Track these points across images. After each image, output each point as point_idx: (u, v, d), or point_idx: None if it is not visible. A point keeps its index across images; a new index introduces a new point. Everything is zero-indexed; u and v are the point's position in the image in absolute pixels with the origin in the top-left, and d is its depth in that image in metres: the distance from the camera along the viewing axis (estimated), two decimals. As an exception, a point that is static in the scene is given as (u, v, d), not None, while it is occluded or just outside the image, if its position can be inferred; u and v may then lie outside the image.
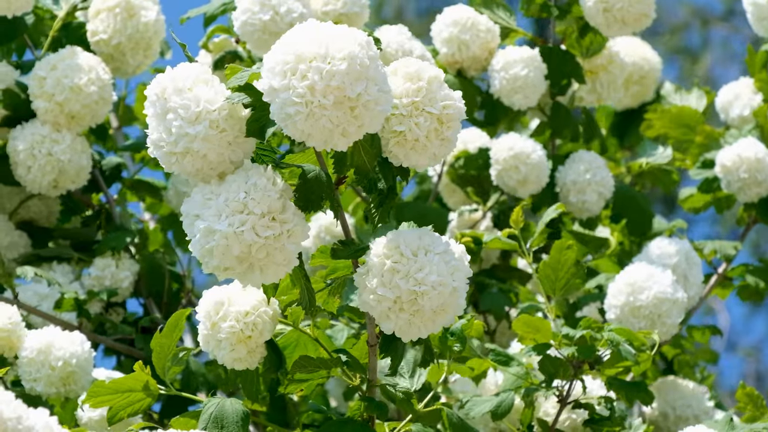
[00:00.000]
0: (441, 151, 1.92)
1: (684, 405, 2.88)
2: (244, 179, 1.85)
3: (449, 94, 1.92)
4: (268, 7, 2.80)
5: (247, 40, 2.83)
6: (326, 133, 1.77)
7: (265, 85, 1.78)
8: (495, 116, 3.07)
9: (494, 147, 3.01)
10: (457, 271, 1.90)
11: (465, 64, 3.06)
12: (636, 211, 3.11)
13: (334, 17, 2.90)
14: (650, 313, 2.71)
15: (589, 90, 3.12)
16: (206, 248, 1.83)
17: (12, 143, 2.84)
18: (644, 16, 2.94)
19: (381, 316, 1.89)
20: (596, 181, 3.01)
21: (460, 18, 3.03)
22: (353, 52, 1.76)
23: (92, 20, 2.95)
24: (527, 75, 2.98)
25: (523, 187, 3.00)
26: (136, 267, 2.94)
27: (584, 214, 3.04)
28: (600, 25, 2.96)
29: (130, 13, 2.94)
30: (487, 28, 3.04)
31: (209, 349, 2.13)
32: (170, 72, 1.88)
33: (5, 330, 2.43)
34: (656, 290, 2.70)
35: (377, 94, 1.78)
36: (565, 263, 2.39)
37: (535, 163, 2.98)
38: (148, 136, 1.89)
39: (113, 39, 2.93)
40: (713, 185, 3.04)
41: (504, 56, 3.00)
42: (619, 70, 3.11)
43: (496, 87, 3.01)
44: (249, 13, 2.81)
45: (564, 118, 3.08)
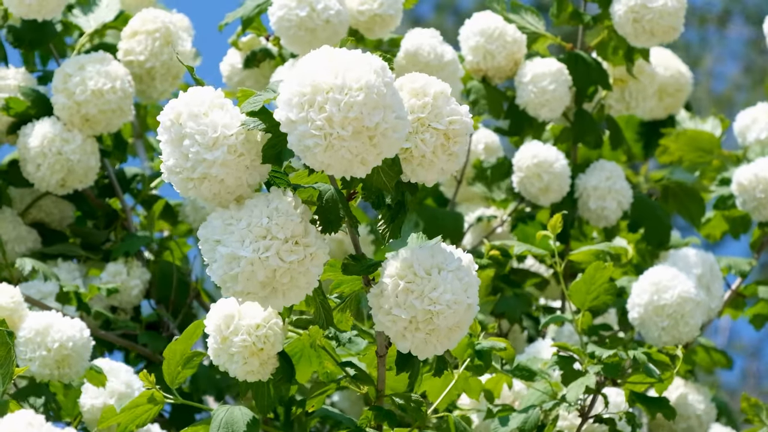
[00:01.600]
0: (448, 167, 1.94)
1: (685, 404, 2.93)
2: (265, 203, 1.86)
3: (456, 109, 1.93)
4: (305, 3, 2.83)
5: (282, 35, 2.86)
6: (346, 163, 1.79)
7: (282, 116, 1.79)
8: (520, 126, 3.10)
9: (517, 155, 3.04)
10: (470, 287, 1.93)
11: (490, 72, 3.09)
12: (654, 221, 3.13)
13: (369, 17, 2.93)
14: (674, 312, 2.75)
15: (617, 99, 3.15)
16: (230, 274, 1.84)
17: (23, 140, 2.86)
18: (673, 29, 2.97)
19: (397, 335, 1.92)
20: (616, 190, 3.04)
21: (487, 27, 3.05)
22: (370, 81, 1.77)
23: (127, 40, 2.98)
24: (554, 89, 3.01)
25: (545, 195, 3.03)
26: (147, 276, 2.97)
27: (602, 222, 3.07)
28: (628, 35, 2.99)
29: (167, 40, 2.96)
30: (514, 39, 3.06)
31: (221, 362, 2.13)
32: (184, 97, 1.88)
33: (7, 309, 2.44)
34: (680, 289, 2.75)
35: (395, 122, 1.80)
36: (598, 280, 2.43)
37: (558, 172, 3.01)
38: (163, 162, 1.89)
39: (148, 62, 2.96)
40: (728, 203, 3.07)
41: (532, 69, 3.03)
42: (649, 81, 3.15)
43: (523, 99, 3.04)
44: (286, 9, 2.84)
45: (587, 125, 3.11)
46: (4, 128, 2.92)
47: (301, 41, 2.87)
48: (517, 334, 3.14)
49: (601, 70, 3.08)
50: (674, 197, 3.26)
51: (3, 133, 2.93)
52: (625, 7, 2.95)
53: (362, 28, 2.97)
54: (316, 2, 2.84)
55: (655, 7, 2.93)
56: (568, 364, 2.43)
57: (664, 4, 2.93)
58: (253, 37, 3.13)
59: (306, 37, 2.86)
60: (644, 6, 2.94)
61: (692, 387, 2.99)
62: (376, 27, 2.97)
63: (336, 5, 2.85)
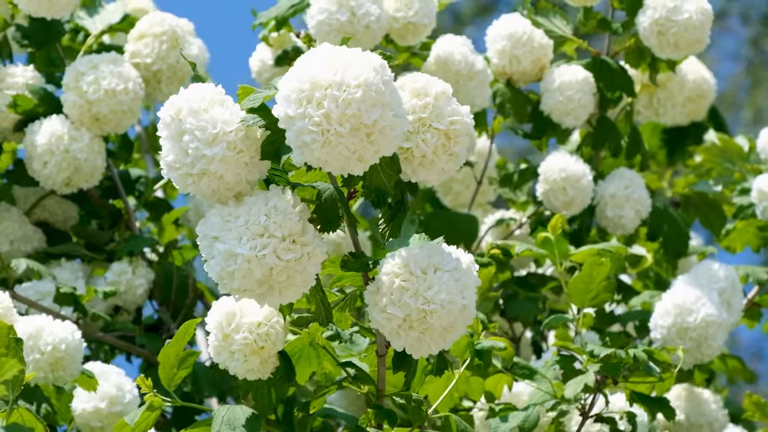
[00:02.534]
0: (449, 167, 1.94)
1: (699, 413, 2.92)
2: (263, 201, 1.87)
3: (457, 110, 1.93)
4: (346, 8, 2.84)
5: (320, 39, 2.86)
6: (343, 159, 1.79)
7: (281, 112, 1.80)
8: (542, 130, 3.10)
9: (544, 165, 3.02)
10: (467, 288, 1.92)
11: (515, 76, 3.08)
12: (672, 231, 3.12)
13: (403, 24, 2.93)
14: (698, 335, 2.73)
15: (645, 105, 3.15)
16: (227, 271, 1.85)
17: (30, 137, 2.87)
18: (698, 42, 2.96)
19: (391, 333, 1.92)
20: (634, 198, 3.03)
21: (515, 32, 3.04)
22: (368, 78, 1.78)
23: (134, 42, 2.99)
24: (580, 99, 3.00)
25: (568, 208, 3.01)
26: (151, 275, 2.98)
27: (618, 230, 3.05)
28: (653, 46, 2.98)
29: (174, 44, 2.98)
30: (541, 45, 3.06)
31: (221, 360, 2.14)
32: (184, 93, 1.89)
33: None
34: (704, 313, 2.73)
35: (393, 120, 1.80)
36: (596, 277, 2.42)
37: (584, 187, 2.99)
38: (162, 158, 1.90)
39: (155, 65, 2.97)
40: (748, 212, 3.05)
41: (560, 76, 3.02)
42: (678, 88, 3.15)
43: (548, 106, 3.03)
44: (327, 13, 2.84)
45: (608, 131, 3.10)
46: (11, 126, 2.92)
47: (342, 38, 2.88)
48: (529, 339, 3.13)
49: (627, 77, 3.07)
50: (696, 208, 3.25)
51: (9, 131, 2.94)
52: (650, 19, 2.94)
53: (394, 35, 2.97)
54: (357, 7, 2.84)
55: (680, 21, 2.92)
56: (569, 363, 2.42)
57: (689, 18, 2.92)
58: (285, 33, 3.13)
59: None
60: (669, 19, 2.93)
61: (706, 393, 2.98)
62: (409, 35, 2.97)
63: (376, 11, 2.86)
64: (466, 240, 3.09)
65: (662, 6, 2.94)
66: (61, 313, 2.75)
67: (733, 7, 9.01)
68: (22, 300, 2.72)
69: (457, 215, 3.10)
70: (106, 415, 2.53)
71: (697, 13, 2.92)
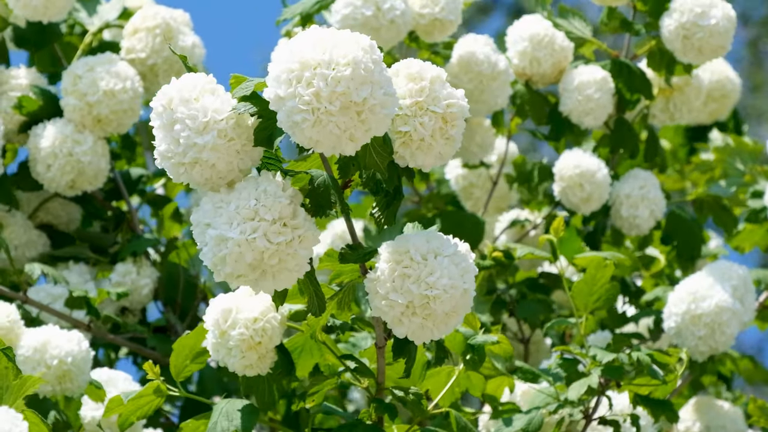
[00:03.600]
0: (446, 150, 1.93)
1: (719, 425, 2.90)
2: (254, 186, 1.86)
3: (452, 93, 1.93)
4: (371, 3, 2.84)
5: None
6: (334, 138, 1.78)
7: (271, 93, 1.79)
8: (561, 132, 3.08)
9: (559, 163, 3.00)
10: (467, 272, 1.92)
11: (534, 78, 3.07)
12: (687, 235, 3.11)
13: (430, 20, 2.92)
14: (711, 321, 2.72)
15: (662, 109, 3.13)
16: (219, 256, 1.84)
17: (33, 140, 2.87)
18: (721, 48, 2.94)
19: (393, 321, 1.91)
20: (649, 198, 3.01)
21: (536, 34, 3.03)
22: (357, 57, 1.77)
23: (128, 38, 2.99)
24: (599, 98, 2.99)
25: (586, 204, 2.98)
26: (156, 274, 2.96)
27: (633, 231, 3.03)
28: (677, 51, 2.96)
29: (168, 36, 2.98)
30: (562, 47, 3.04)
31: (219, 357, 2.13)
32: (176, 83, 1.89)
33: (3, 327, 2.43)
34: (718, 299, 2.72)
35: (383, 98, 1.79)
36: (600, 280, 2.40)
37: (600, 183, 2.96)
38: (156, 148, 1.89)
39: (150, 59, 2.97)
40: (760, 216, 3.04)
41: (578, 76, 3.00)
42: (695, 93, 3.13)
43: (567, 106, 3.02)
44: (352, 7, 2.84)
45: (625, 133, 3.08)
46: (15, 127, 2.92)
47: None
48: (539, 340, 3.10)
49: (645, 80, 3.05)
50: (709, 209, 3.23)
51: (14, 132, 2.93)
52: (677, 23, 2.93)
53: (420, 31, 2.96)
54: (382, 2, 2.84)
55: (706, 26, 2.91)
56: (572, 367, 2.40)
57: (716, 24, 2.91)
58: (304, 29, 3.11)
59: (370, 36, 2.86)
60: (695, 24, 2.91)
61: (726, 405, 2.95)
62: (435, 31, 2.95)
63: (401, 5, 2.85)
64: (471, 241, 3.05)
65: (689, 10, 2.92)
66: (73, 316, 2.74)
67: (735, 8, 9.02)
68: (34, 304, 2.70)
69: (463, 216, 3.08)
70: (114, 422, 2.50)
71: (723, 19, 2.92)
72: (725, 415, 2.93)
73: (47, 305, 2.73)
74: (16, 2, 2.88)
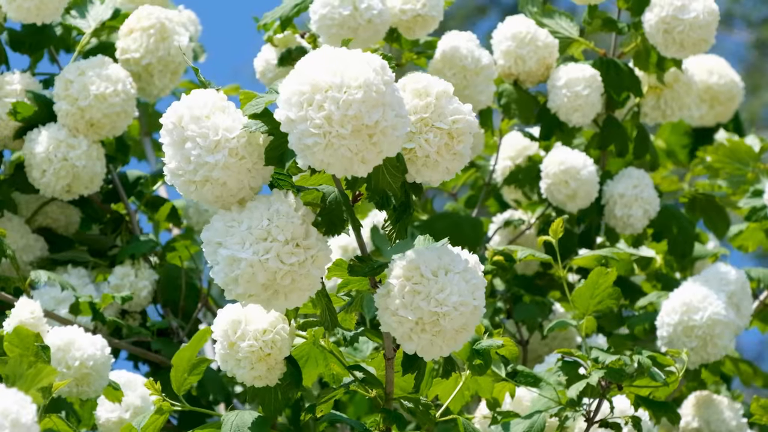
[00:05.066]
0: (453, 166, 1.94)
1: (719, 420, 2.91)
2: (266, 206, 1.86)
3: (459, 108, 1.93)
4: (349, 2, 2.84)
5: (323, 33, 2.86)
6: (345, 161, 1.78)
7: (282, 116, 1.79)
8: (551, 130, 3.08)
9: (545, 160, 3.02)
10: (477, 289, 1.92)
11: (521, 77, 3.07)
12: (678, 231, 3.11)
13: (412, 17, 2.92)
14: (703, 333, 2.74)
15: (653, 107, 3.13)
16: (230, 276, 1.84)
17: (28, 145, 2.86)
18: (703, 41, 2.95)
19: (403, 337, 1.91)
20: (643, 198, 3.02)
21: (519, 32, 3.04)
22: (368, 79, 1.77)
23: (123, 38, 2.98)
24: (588, 95, 2.99)
25: (572, 201, 3.00)
26: (155, 276, 2.97)
27: (627, 230, 3.05)
28: (658, 45, 2.97)
29: (163, 36, 2.96)
30: (545, 44, 3.04)
31: (228, 368, 2.13)
32: (186, 99, 1.88)
33: (27, 324, 2.42)
34: (711, 311, 2.74)
35: (394, 120, 1.79)
36: (602, 285, 2.41)
37: (585, 179, 2.98)
38: (165, 165, 1.89)
39: (144, 59, 2.96)
40: (760, 214, 3.04)
41: (566, 73, 3.01)
42: (685, 89, 3.12)
43: (556, 103, 3.02)
44: (329, 7, 2.84)
45: (615, 132, 3.09)
46: (11, 133, 2.91)
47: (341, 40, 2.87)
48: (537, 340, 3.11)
49: (634, 77, 3.06)
50: (701, 209, 3.24)
51: (9, 138, 2.92)
52: (657, 17, 2.93)
53: (402, 28, 2.95)
54: (359, 1, 2.84)
55: (686, 19, 2.91)
56: (573, 369, 2.41)
57: (696, 17, 2.91)
58: (290, 33, 3.11)
59: (347, 36, 2.86)
60: (675, 18, 2.92)
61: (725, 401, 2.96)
62: (417, 27, 2.95)
63: (379, 5, 2.85)
64: (470, 243, 3.08)
65: (669, 4, 2.93)
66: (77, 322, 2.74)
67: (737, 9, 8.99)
68: None
69: (462, 218, 3.09)
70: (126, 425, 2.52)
71: (704, 12, 2.92)
72: (725, 410, 2.94)
73: (52, 311, 2.73)
74: (8, 5, 2.87)
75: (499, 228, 3.27)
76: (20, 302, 2.42)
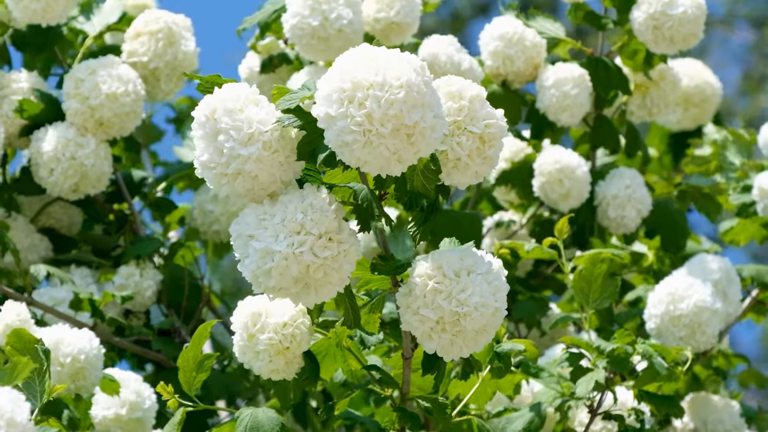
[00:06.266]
0: (483, 170, 1.95)
1: (716, 420, 2.93)
2: (300, 199, 1.86)
3: (491, 113, 1.94)
4: (318, 12, 2.84)
5: (295, 43, 2.87)
6: (383, 160, 1.79)
7: (321, 112, 1.79)
8: (540, 130, 3.10)
9: (539, 159, 3.04)
10: (499, 291, 1.93)
11: (509, 77, 3.08)
12: (671, 227, 3.13)
13: (386, 24, 2.92)
14: (690, 322, 2.75)
15: (639, 105, 3.15)
16: (263, 269, 1.84)
17: (36, 144, 2.86)
18: (692, 36, 2.97)
19: (423, 336, 1.92)
20: (636, 198, 3.04)
21: (506, 32, 3.05)
22: (410, 79, 1.78)
23: (130, 42, 2.98)
24: (577, 95, 3.01)
25: (565, 201, 3.02)
26: (159, 277, 2.96)
27: (621, 230, 3.07)
28: (648, 42, 2.99)
29: (170, 40, 2.97)
30: (533, 43, 3.06)
31: (246, 360, 2.14)
32: (219, 93, 1.88)
33: (13, 326, 2.42)
34: (696, 299, 2.75)
35: (433, 121, 1.80)
36: (598, 276, 2.43)
37: (579, 178, 3.01)
38: (197, 158, 1.89)
39: (152, 62, 2.96)
40: (750, 210, 3.07)
41: (554, 73, 3.02)
42: (671, 88, 3.15)
43: (545, 103, 3.04)
44: (299, 17, 2.84)
45: (606, 130, 3.10)
46: (16, 131, 2.91)
47: (315, 49, 2.88)
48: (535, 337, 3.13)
49: (622, 75, 3.08)
50: (692, 198, 3.26)
51: (15, 136, 2.92)
52: (645, 14, 2.96)
53: (378, 35, 2.96)
54: (329, 11, 2.84)
55: (675, 15, 2.94)
56: (577, 360, 2.43)
57: (684, 12, 2.94)
58: (273, 40, 3.12)
59: (319, 45, 2.87)
60: (664, 13, 2.94)
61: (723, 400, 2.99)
62: (392, 35, 2.96)
63: (349, 14, 2.85)
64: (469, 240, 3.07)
65: (657, 0, 2.95)
66: (77, 319, 2.74)
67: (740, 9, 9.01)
68: (39, 306, 2.70)
69: (461, 214, 3.09)
70: (126, 422, 2.52)
71: (692, 7, 2.95)
72: (722, 410, 2.96)
73: (52, 307, 2.73)
74: (15, 5, 2.87)
75: (489, 229, 3.28)
76: (7, 305, 2.42)
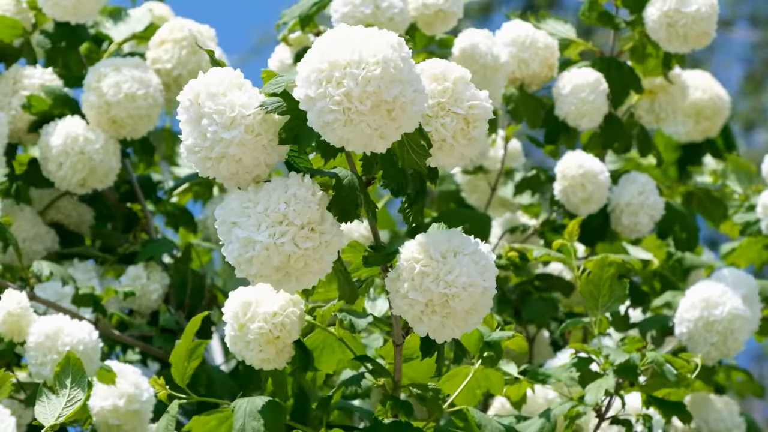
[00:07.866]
0: (468, 151, 1.95)
1: (717, 419, 2.91)
2: (283, 189, 1.86)
3: (475, 94, 1.94)
4: (370, 1, 2.84)
5: None
6: (365, 137, 1.79)
7: (301, 94, 1.80)
8: (556, 135, 3.08)
9: (561, 163, 3.00)
10: (487, 270, 1.92)
11: (526, 80, 3.07)
12: (683, 226, 3.12)
13: (434, 11, 2.91)
14: (724, 328, 2.74)
15: (647, 110, 3.14)
16: (245, 257, 1.84)
17: (45, 138, 2.86)
18: (705, 34, 2.95)
19: (414, 319, 1.92)
20: (649, 204, 3.02)
21: (518, 37, 3.04)
22: (386, 55, 1.78)
23: (154, 49, 2.99)
24: (594, 100, 3.00)
25: (586, 205, 2.99)
26: (166, 280, 2.95)
27: (634, 235, 3.05)
28: (661, 40, 2.97)
29: (194, 49, 2.98)
30: (546, 45, 3.05)
31: (237, 350, 2.14)
32: (203, 77, 1.89)
33: (14, 314, 2.44)
34: (730, 306, 2.74)
35: (413, 95, 1.80)
36: (606, 280, 2.42)
37: (601, 183, 2.97)
38: (182, 142, 1.90)
39: (175, 70, 2.97)
40: (753, 228, 3.05)
41: (571, 80, 3.01)
42: (680, 93, 3.13)
43: (563, 110, 3.02)
44: (351, 6, 2.84)
45: (617, 130, 3.09)
46: (25, 126, 2.92)
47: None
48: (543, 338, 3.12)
49: (634, 75, 3.06)
50: (698, 202, 3.25)
51: (23, 131, 2.93)
52: (659, 11, 2.94)
53: (422, 23, 2.94)
54: (380, 0, 2.85)
55: (688, 12, 2.92)
56: (586, 365, 2.41)
57: (698, 9, 2.92)
58: (303, 33, 3.12)
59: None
60: (678, 11, 2.93)
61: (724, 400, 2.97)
62: (438, 22, 2.94)
63: (399, 3, 2.85)
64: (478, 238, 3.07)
65: None
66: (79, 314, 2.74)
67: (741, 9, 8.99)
68: (41, 301, 2.70)
69: (470, 214, 3.08)
70: (123, 413, 2.52)
71: (705, 5, 2.93)
72: (722, 409, 2.94)
73: (54, 302, 2.73)
74: (45, 2, 2.88)
75: (504, 233, 3.27)
76: (7, 293, 2.42)
